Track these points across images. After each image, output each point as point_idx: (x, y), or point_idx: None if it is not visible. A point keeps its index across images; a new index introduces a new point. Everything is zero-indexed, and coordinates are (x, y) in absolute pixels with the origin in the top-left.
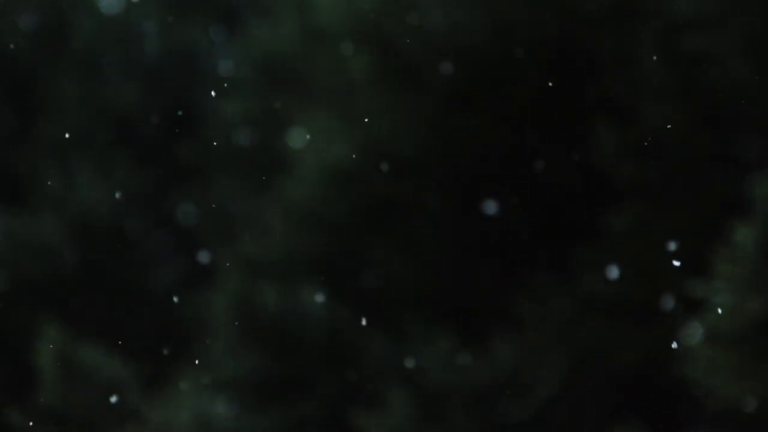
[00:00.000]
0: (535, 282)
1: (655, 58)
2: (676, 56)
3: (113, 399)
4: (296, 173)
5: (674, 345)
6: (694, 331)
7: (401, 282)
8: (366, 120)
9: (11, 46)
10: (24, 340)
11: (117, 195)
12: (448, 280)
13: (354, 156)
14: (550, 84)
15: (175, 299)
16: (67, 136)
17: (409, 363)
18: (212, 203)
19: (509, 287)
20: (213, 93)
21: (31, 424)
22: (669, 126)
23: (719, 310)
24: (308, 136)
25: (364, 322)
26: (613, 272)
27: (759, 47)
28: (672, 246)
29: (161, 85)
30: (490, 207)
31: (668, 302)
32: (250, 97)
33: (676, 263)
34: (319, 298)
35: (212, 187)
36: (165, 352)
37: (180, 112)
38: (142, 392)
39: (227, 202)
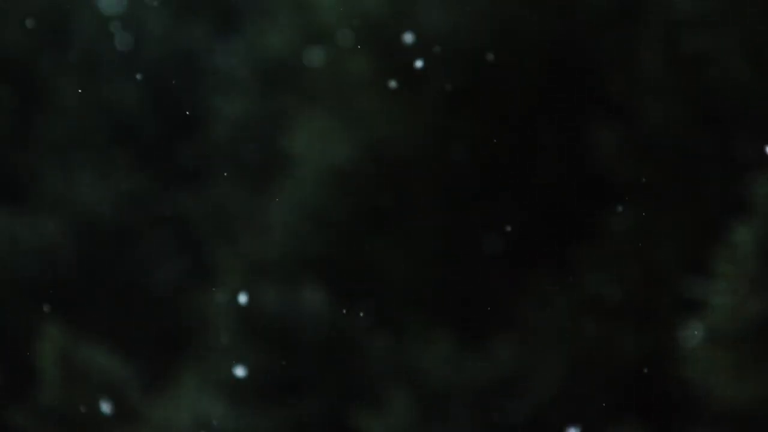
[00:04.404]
0: (535, 282)
1: (655, 58)
2: (676, 56)
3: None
4: (296, 173)
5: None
6: (694, 332)
7: (401, 282)
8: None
9: (11, 45)
10: (24, 340)
11: (117, 195)
12: (448, 280)
13: (354, 156)
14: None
15: (175, 299)
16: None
17: (409, 363)
18: (212, 203)
19: (509, 287)
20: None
21: (31, 424)
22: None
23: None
24: (308, 136)
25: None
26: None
27: (759, 47)
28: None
29: (161, 85)
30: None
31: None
32: (250, 97)
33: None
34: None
35: (212, 187)
36: (165, 352)
37: (180, 112)
38: (142, 392)
39: (227, 202)
